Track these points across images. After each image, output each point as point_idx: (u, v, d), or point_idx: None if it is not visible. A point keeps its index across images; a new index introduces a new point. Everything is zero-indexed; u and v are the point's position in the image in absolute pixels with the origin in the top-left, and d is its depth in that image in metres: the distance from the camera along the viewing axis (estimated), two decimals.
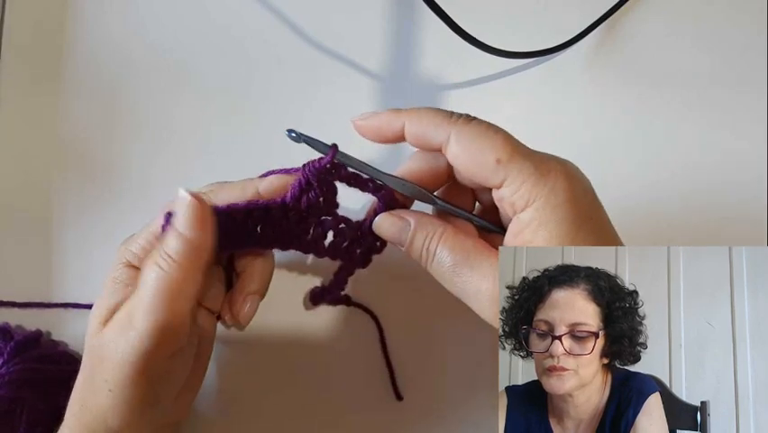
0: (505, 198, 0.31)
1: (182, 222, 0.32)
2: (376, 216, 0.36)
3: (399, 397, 0.44)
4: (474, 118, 0.32)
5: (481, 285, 0.31)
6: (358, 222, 0.38)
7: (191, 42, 0.50)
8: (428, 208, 0.36)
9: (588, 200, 0.31)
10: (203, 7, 0.51)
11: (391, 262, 0.39)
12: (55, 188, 0.47)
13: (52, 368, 0.42)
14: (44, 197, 0.47)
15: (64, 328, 0.45)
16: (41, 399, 0.41)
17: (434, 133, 0.32)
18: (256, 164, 0.48)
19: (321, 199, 0.36)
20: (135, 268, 0.36)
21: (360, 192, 0.36)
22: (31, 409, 0.40)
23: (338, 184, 0.36)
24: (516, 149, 0.31)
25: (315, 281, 0.45)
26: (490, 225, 0.35)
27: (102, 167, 0.48)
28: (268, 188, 0.36)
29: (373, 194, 0.36)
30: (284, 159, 0.48)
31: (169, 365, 0.34)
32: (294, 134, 0.35)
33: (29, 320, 0.45)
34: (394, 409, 0.44)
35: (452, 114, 0.32)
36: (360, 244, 0.39)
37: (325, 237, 0.38)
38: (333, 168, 0.35)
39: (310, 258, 0.46)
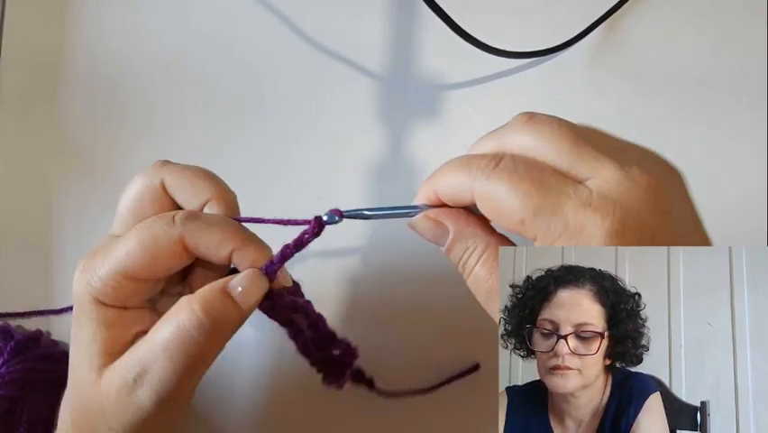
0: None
1: (242, 294, 0.31)
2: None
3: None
4: (500, 160, 0.28)
5: None
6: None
7: (191, 43, 0.50)
8: None
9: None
10: (202, 8, 0.51)
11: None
12: (55, 191, 0.47)
13: (52, 368, 0.42)
14: (44, 199, 0.47)
15: (64, 328, 0.45)
16: (41, 399, 0.41)
17: (460, 195, 0.29)
18: (256, 165, 0.48)
19: None
20: (104, 305, 0.32)
21: None
22: (31, 409, 0.40)
23: None
24: (541, 204, 0.26)
25: None
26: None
27: (102, 169, 0.48)
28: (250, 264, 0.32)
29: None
30: (283, 159, 0.48)
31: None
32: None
33: (29, 320, 0.45)
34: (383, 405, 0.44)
35: (472, 164, 0.28)
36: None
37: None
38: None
39: None
